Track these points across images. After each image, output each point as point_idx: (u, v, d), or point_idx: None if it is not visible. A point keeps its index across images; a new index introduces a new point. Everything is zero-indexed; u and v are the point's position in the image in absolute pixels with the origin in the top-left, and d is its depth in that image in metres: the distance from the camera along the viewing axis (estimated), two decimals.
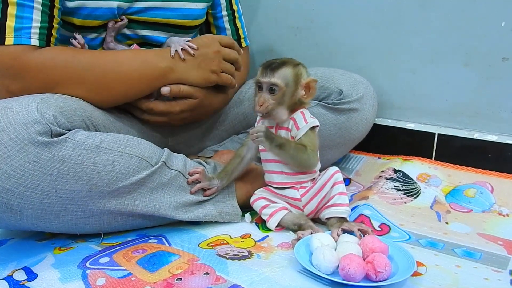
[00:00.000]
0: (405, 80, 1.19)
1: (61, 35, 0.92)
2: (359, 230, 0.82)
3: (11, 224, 0.76)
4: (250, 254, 0.79)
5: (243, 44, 1.19)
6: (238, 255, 0.78)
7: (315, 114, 0.95)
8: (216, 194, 0.90)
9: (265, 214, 0.89)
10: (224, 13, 1.15)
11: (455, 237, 0.86)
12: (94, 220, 0.81)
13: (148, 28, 1.00)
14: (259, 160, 0.91)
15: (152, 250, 0.79)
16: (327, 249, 0.72)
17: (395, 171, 1.09)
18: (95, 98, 0.89)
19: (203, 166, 0.93)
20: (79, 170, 0.75)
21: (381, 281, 0.68)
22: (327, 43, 1.28)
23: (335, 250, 0.74)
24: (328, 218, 0.86)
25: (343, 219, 0.85)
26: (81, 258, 0.77)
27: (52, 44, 0.87)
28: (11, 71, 0.83)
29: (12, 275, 0.73)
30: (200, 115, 1.02)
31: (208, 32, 1.15)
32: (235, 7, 1.17)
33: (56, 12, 0.87)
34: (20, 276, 0.73)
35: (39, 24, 0.84)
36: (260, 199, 0.90)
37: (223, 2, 1.14)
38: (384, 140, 1.21)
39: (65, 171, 0.74)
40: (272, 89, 0.83)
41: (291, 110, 0.86)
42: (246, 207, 0.92)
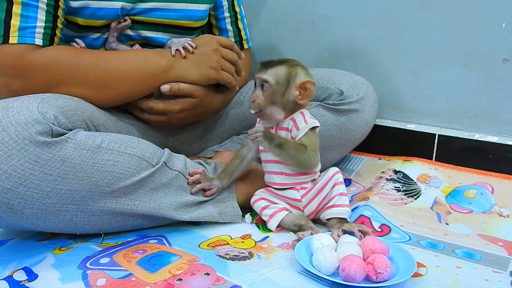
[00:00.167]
0: (405, 81, 1.19)
1: (63, 34, 0.92)
2: (359, 231, 0.81)
3: (12, 224, 0.76)
4: (251, 255, 0.78)
5: (245, 46, 1.19)
6: (239, 255, 0.78)
7: (316, 114, 0.95)
8: (216, 194, 0.90)
9: (265, 215, 0.89)
10: (227, 14, 1.15)
11: (456, 238, 0.86)
12: (94, 220, 0.81)
13: (150, 29, 1.00)
14: (260, 161, 0.91)
15: (153, 251, 0.79)
16: (327, 250, 0.72)
17: (396, 172, 1.09)
18: (97, 97, 0.89)
19: (203, 166, 0.93)
20: (80, 170, 0.75)
21: (381, 282, 0.68)
22: (327, 44, 1.28)
23: (335, 251, 0.74)
24: (328, 219, 0.86)
25: (343, 220, 0.85)
26: (81, 259, 0.77)
27: (55, 44, 0.88)
28: (14, 70, 0.83)
29: (12, 275, 0.73)
30: (199, 115, 1.02)
31: (210, 34, 1.15)
32: (237, 9, 1.17)
33: (60, 12, 0.87)
34: (20, 276, 0.72)
35: (43, 24, 0.84)
36: (261, 200, 0.90)
37: (225, 3, 1.14)
38: (385, 141, 1.21)
39: (65, 171, 0.74)
40: (263, 85, 0.84)
41: (291, 111, 0.86)
42: (247, 208, 0.92)
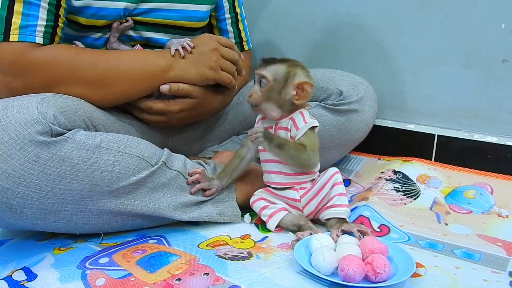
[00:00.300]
0: (405, 81, 1.19)
1: (65, 34, 0.92)
2: (358, 231, 0.81)
3: (11, 223, 0.76)
4: (250, 255, 0.79)
5: (245, 47, 1.20)
6: (238, 255, 0.78)
7: (315, 115, 0.95)
8: (216, 194, 0.90)
9: (264, 215, 0.89)
10: (227, 15, 1.15)
11: (455, 238, 0.86)
12: (94, 220, 0.81)
13: (152, 30, 1.00)
14: (259, 161, 0.91)
15: (152, 251, 0.79)
16: (326, 250, 0.72)
17: (395, 172, 1.09)
18: (97, 96, 0.89)
19: (203, 166, 0.93)
20: (79, 169, 0.75)
21: (380, 282, 0.68)
22: (327, 44, 1.29)
23: (334, 251, 0.74)
24: (327, 219, 0.86)
25: (342, 220, 0.85)
26: (80, 258, 0.77)
27: (55, 43, 0.88)
28: (14, 67, 0.83)
29: (11, 275, 0.73)
30: (199, 115, 1.02)
31: None
32: (238, 10, 1.17)
33: (61, 12, 0.87)
34: (19, 276, 0.72)
35: (44, 23, 0.84)
36: (260, 200, 0.90)
37: (226, 4, 1.14)
38: (384, 141, 1.21)
39: (65, 171, 0.74)
40: (261, 81, 0.84)
41: (289, 110, 0.86)
42: (246, 208, 0.92)
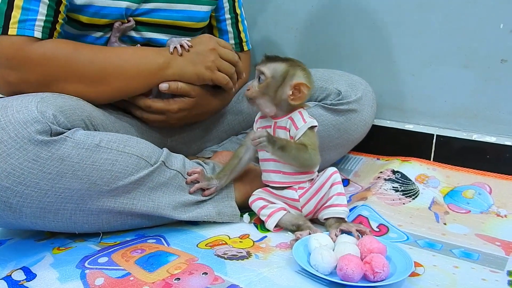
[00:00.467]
0: (404, 81, 1.19)
1: (66, 32, 0.92)
2: (357, 230, 0.82)
3: (10, 222, 0.76)
4: (249, 255, 0.79)
5: (245, 48, 1.20)
6: (237, 255, 0.78)
7: (314, 114, 0.95)
8: (215, 194, 0.90)
9: (263, 215, 0.89)
10: (227, 16, 1.15)
11: (453, 238, 0.86)
12: (93, 219, 0.81)
13: (152, 30, 1.00)
14: (258, 161, 0.91)
15: (151, 250, 0.79)
16: (325, 249, 0.72)
17: (394, 172, 1.09)
18: (94, 93, 0.89)
19: (202, 166, 0.93)
20: (78, 168, 0.75)
21: (379, 281, 0.68)
22: (326, 44, 1.29)
23: (333, 250, 0.74)
24: (326, 219, 0.86)
25: (341, 220, 0.85)
26: (79, 258, 0.77)
27: (54, 38, 0.87)
28: (11, 61, 0.83)
29: (11, 275, 0.73)
30: (198, 115, 1.02)
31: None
32: (238, 11, 1.17)
33: (62, 8, 0.87)
34: (19, 276, 0.73)
35: (44, 18, 0.84)
36: (259, 200, 0.90)
37: (226, 5, 1.14)
38: (383, 141, 1.21)
39: (64, 170, 0.74)
40: (260, 77, 0.85)
41: (287, 110, 0.86)
42: (245, 208, 0.92)
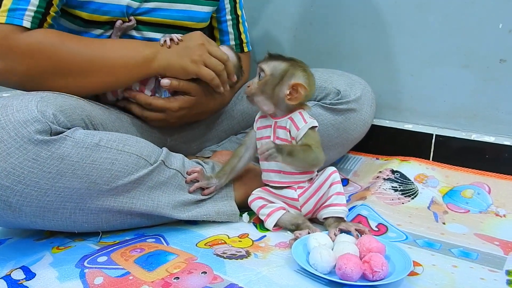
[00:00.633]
0: (403, 81, 1.19)
1: (67, 29, 0.92)
2: (356, 230, 0.82)
3: (10, 221, 0.76)
4: (248, 254, 0.79)
5: (245, 49, 1.20)
6: (236, 254, 0.78)
7: (313, 114, 0.95)
8: (214, 193, 0.90)
9: (262, 214, 0.89)
10: (228, 17, 1.15)
11: (452, 237, 0.87)
12: (93, 218, 0.81)
13: (153, 30, 1.00)
14: (257, 160, 0.91)
15: (150, 249, 0.79)
16: (324, 248, 0.72)
17: (393, 171, 1.09)
18: (81, 84, 0.89)
19: (201, 165, 0.93)
20: (78, 168, 0.75)
21: (377, 280, 0.68)
22: (325, 44, 1.29)
23: (332, 249, 0.74)
24: (325, 218, 0.86)
25: (340, 219, 0.85)
26: (79, 257, 0.77)
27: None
28: None
29: (10, 274, 0.73)
30: (198, 114, 1.02)
31: (211, 36, 1.15)
32: (239, 12, 1.17)
33: (55, 1, 0.87)
34: (18, 275, 0.73)
35: (35, 8, 0.84)
36: (258, 199, 0.90)
37: (228, 6, 1.15)
38: (382, 141, 1.21)
39: (64, 169, 0.74)
40: (260, 74, 0.86)
41: (287, 110, 0.86)
42: (244, 207, 0.93)
